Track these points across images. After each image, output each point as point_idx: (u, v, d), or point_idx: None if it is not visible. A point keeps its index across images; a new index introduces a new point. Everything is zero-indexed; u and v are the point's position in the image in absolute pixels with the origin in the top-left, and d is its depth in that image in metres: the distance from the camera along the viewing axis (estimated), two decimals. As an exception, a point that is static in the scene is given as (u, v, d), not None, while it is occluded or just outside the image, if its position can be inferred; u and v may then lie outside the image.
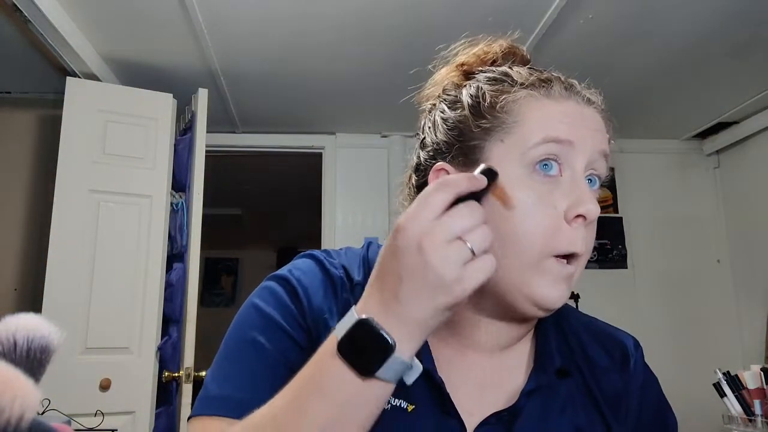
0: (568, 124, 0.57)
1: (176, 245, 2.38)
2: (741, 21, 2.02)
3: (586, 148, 0.57)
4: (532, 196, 0.55)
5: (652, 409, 0.66)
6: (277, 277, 0.63)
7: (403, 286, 0.45)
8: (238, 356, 0.58)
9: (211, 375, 0.58)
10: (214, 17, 2.00)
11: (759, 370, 1.87)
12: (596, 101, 0.62)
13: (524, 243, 0.54)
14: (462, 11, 1.98)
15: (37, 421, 0.32)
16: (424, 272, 0.44)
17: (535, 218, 0.54)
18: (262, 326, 0.58)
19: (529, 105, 0.58)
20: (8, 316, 0.37)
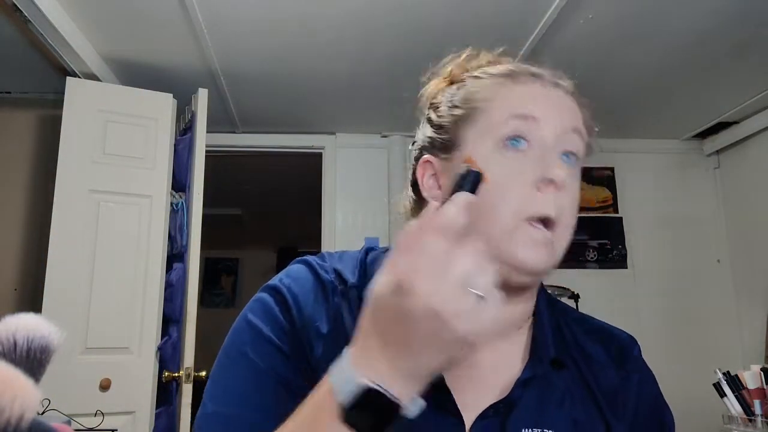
0: (533, 102, 0.60)
1: (176, 245, 2.38)
2: (741, 21, 2.02)
3: (553, 124, 0.60)
4: (504, 169, 0.58)
5: (648, 406, 0.66)
6: (268, 288, 0.63)
7: (414, 345, 0.43)
8: (230, 371, 0.59)
9: (207, 389, 0.59)
10: (214, 17, 2.00)
11: (759, 370, 1.87)
12: (565, 85, 0.64)
13: (500, 212, 0.57)
14: (462, 11, 1.98)
15: (37, 421, 0.32)
16: (441, 333, 0.42)
17: (508, 187, 0.57)
18: (252, 341, 0.59)
19: (498, 91, 0.62)
20: (8, 316, 0.37)
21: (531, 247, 0.57)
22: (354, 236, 3.06)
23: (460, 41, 0.77)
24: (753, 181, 2.97)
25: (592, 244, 3.13)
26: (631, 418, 0.64)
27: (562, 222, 0.58)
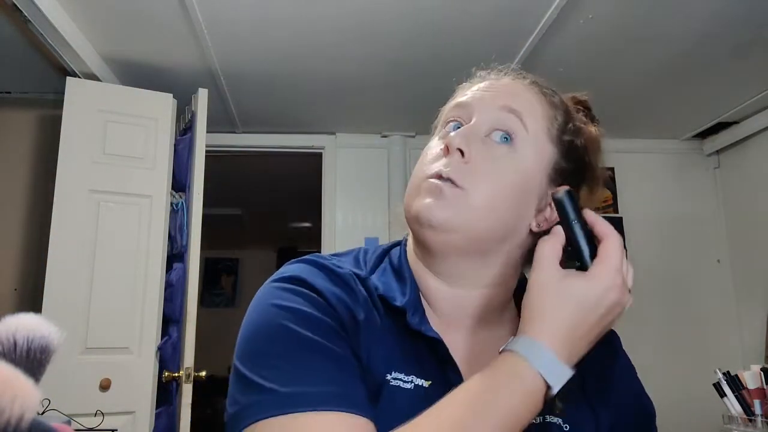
0: (472, 92, 0.68)
1: (176, 245, 2.38)
2: (741, 21, 2.02)
3: (483, 106, 0.65)
4: (432, 144, 0.67)
5: (630, 396, 0.69)
6: (286, 279, 0.61)
7: (597, 333, 0.56)
8: (295, 355, 0.53)
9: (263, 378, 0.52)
10: (214, 17, 2.00)
11: (759, 370, 1.87)
12: (511, 75, 0.70)
13: (415, 179, 0.64)
14: (462, 11, 1.99)
15: (37, 421, 0.32)
16: (614, 322, 0.57)
17: (426, 156, 0.66)
18: (305, 323, 0.55)
19: (455, 95, 0.71)
20: (8, 316, 0.37)
21: (424, 196, 0.61)
22: (354, 236, 3.06)
23: (460, 41, 0.78)
24: (753, 181, 2.97)
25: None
26: (614, 407, 0.66)
27: (469, 185, 0.60)
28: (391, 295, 0.62)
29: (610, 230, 0.57)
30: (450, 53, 2.25)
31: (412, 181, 0.65)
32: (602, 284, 0.54)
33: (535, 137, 0.64)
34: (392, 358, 0.59)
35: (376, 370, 0.58)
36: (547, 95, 0.68)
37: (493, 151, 0.62)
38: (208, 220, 2.45)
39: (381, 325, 0.61)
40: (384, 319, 0.61)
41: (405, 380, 0.58)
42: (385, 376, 0.58)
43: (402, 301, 0.61)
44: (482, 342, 0.65)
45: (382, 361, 0.59)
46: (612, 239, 0.56)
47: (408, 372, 0.59)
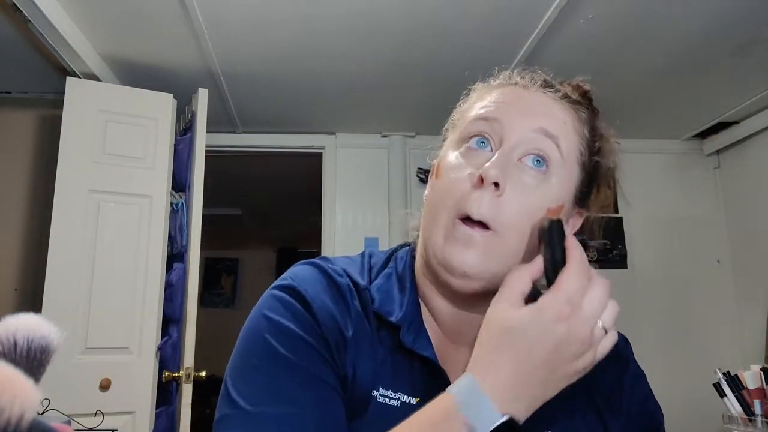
0: (499, 104, 0.61)
1: (176, 245, 2.38)
2: (741, 21, 2.02)
3: (516, 125, 0.59)
4: (456, 166, 0.59)
5: (640, 404, 0.67)
6: (282, 288, 0.61)
7: (552, 373, 0.49)
8: (267, 371, 0.55)
9: (238, 391, 0.54)
10: (214, 17, 2.00)
11: (759, 370, 1.87)
12: (541, 85, 0.63)
13: (441, 211, 0.58)
14: (462, 11, 1.98)
15: (37, 421, 0.32)
16: (576, 361, 0.49)
17: (453, 183, 0.58)
18: (285, 340, 0.56)
19: (473, 99, 0.66)
20: (8, 316, 0.37)
21: (457, 245, 0.57)
22: (354, 236, 3.06)
23: (460, 41, 0.77)
24: (753, 181, 2.97)
25: (592, 244, 3.13)
26: (624, 416, 0.65)
27: (502, 226, 0.56)
28: (386, 310, 0.61)
29: (576, 258, 0.51)
30: (450, 53, 2.25)
31: (435, 209, 0.59)
32: (544, 316, 0.48)
33: (569, 162, 0.60)
34: (381, 374, 0.58)
35: (363, 385, 0.57)
36: (577, 110, 0.63)
37: (526, 179, 0.58)
38: (208, 220, 2.45)
39: (373, 339, 0.60)
40: (378, 333, 0.61)
41: (392, 397, 0.58)
42: (372, 392, 0.58)
43: (397, 317, 0.60)
44: None
45: (370, 377, 0.58)
46: (570, 267, 0.51)
47: (396, 389, 0.58)
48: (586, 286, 0.50)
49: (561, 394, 0.62)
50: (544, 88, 0.63)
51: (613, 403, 0.65)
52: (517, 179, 0.57)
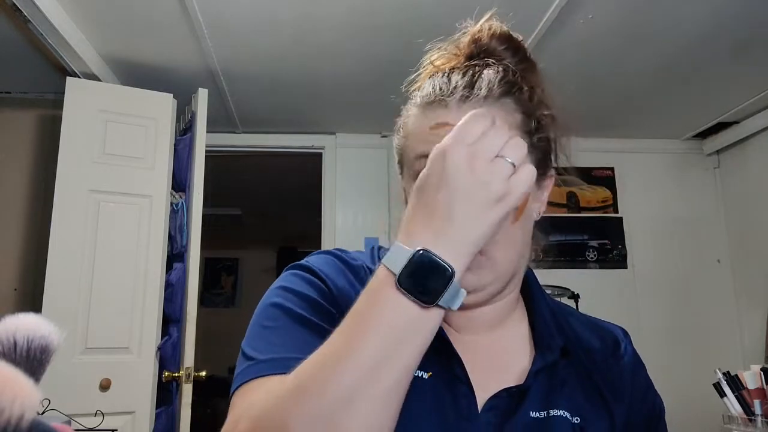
0: (436, 136, 0.58)
1: (176, 245, 2.38)
2: (741, 21, 2.02)
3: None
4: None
5: (642, 393, 0.69)
6: (298, 266, 0.65)
7: (456, 207, 0.47)
8: (281, 327, 0.57)
9: (252, 347, 0.56)
10: (214, 17, 2.00)
11: (759, 370, 1.87)
12: (461, 97, 0.62)
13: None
14: (462, 11, 1.98)
15: (37, 421, 0.32)
16: (477, 190, 0.47)
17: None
18: (302, 303, 0.59)
19: (413, 124, 0.65)
20: (8, 316, 0.37)
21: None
22: (354, 236, 3.06)
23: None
24: (753, 181, 2.97)
25: (592, 244, 3.13)
26: (627, 403, 0.66)
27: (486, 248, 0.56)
28: None
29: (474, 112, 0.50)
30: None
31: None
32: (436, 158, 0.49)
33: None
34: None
35: None
36: (504, 101, 0.63)
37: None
38: (208, 220, 2.45)
39: None
40: None
41: None
42: None
43: None
44: (490, 343, 0.66)
45: None
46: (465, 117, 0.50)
47: None
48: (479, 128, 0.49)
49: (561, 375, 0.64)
50: (466, 98, 0.62)
51: (616, 388, 0.66)
52: None
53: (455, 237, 0.47)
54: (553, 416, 0.61)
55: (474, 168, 0.47)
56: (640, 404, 0.68)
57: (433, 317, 0.48)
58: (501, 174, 0.47)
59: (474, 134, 0.48)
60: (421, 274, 0.46)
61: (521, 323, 0.69)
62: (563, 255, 3.09)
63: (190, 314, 2.25)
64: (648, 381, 0.71)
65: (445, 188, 0.47)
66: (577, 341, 0.68)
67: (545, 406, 0.61)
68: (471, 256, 0.48)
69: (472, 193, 0.47)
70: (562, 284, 2.95)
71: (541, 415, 0.61)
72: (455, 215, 0.47)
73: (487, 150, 0.48)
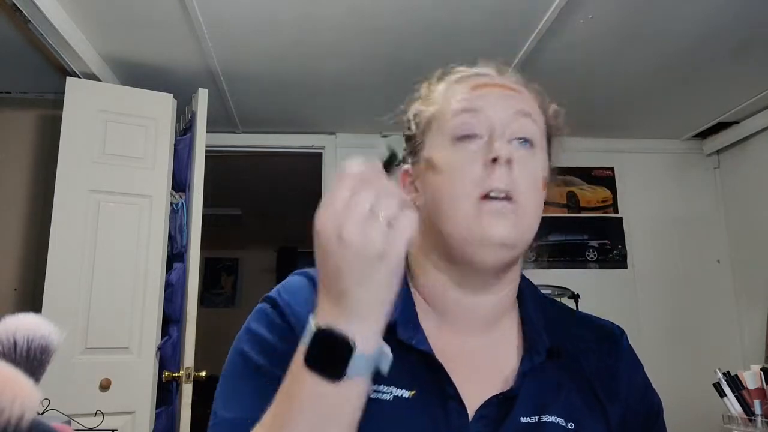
0: (475, 95, 0.65)
1: (176, 245, 2.38)
2: (741, 21, 2.02)
3: (497, 110, 0.63)
4: (456, 159, 0.62)
5: (638, 391, 0.68)
6: (265, 299, 0.66)
7: (342, 279, 0.47)
8: (237, 379, 0.60)
9: (219, 402, 0.60)
10: (214, 17, 2.00)
11: (759, 370, 1.87)
12: (508, 71, 0.69)
13: (458, 197, 0.60)
14: (462, 11, 1.99)
15: (37, 421, 0.32)
16: (353, 259, 0.46)
17: (461, 173, 0.61)
18: (260, 349, 0.61)
19: (444, 93, 0.68)
20: (8, 316, 0.37)
21: (491, 218, 0.59)
22: (354, 236, 3.05)
23: (460, 41, 0.78)
24: (753, 181, 2.97)
25: (592, 244, 3.13)
26: (623, 403, 0.66)
27: (520, 196, 0.60)
28: None
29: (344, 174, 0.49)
30: (450, 53, 2.23)
31: (445, 198, 0.61)
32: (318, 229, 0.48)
33: (542, 136, 0.66)
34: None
35: None
36: (533, 91, 0.68)
37: (522, 158, 0.62)
38: (208, 220, 2.45)
39: None
40: None
41: (384, 392, 0.59)
42: None
43: (393, 315, 0.61)
44: (481, 347, 0.65)
45: None
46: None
47: (388, 383, 0.59)
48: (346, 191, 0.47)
49: (556, 382, 0.63)
50: (503, 72, 0.69)
51: (611, 389, 0.66)
52: (517, 160, 0.61)
53: (353, 307, 0.47)
54: (545, 422, 0.60)
55: (342, 236, 0.46)
56: (638, 404, 0.67)
57: (350, 391, 0.47)
58: (373, 234, 0.46)
59: (342, 198, 0.47)
60: (324, 351, 0.47)
61: (513, 325, 0.68)
62: (563, 255, 3.09)
63: (190, 314, 2.25)
64: (646, 380, 0.70)
65: (328, 261, 0.47)
66: (571, 341, 0.67)
67: (538, 410, 0.61)
68: (377, 319, 0.48)
69: (350, 261, 0.46)
70: (562, 284, 2.95)
71: (533, 420, 0.60)
72: (344, 287, 0.47)
73: (356, 212, 0.46)
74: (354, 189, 0.47)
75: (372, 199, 0.46)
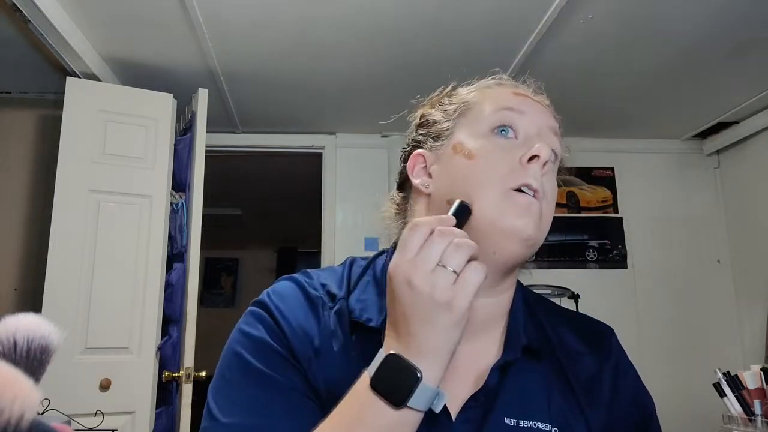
0: (519, 98, 0.68)
1: (176, 245, 2.38)
2: (741, 21, 2.02)
3: (537, 119, 0.66)
4: (493, 150, 0.64)
5: (628, 397, 0.67)
6: (256, 303, 0.66)
7: (410, 322, 0.51)
8: (237, 382, 0.60)
9: (214, 403, 0.59)
10: (214, 17, 2.00)
11: (759, 370, 1.87)
12: (543, 95, 0.71)
13: (490, 186, 0.61)
14: (462, 11, 1.99)
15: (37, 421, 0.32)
16: (421, 305, 0.50)
17: (496, 164, 0.63)
18: (256, 351, 0.61)
19: (485, 92, 0.70)
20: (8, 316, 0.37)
21: (519, 211, 0.60)
22: (354, 236, 3.06)
23: (460, 41, 0.78)
24: (753, 181, 2.97)
25: (592, 244, 3.13)
26: (608, 406, 0.65)
27: (544, 200, 0.62)
28: (366, 317, 0.63)
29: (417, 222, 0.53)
30: (450, 53, 2.25)
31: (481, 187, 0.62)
32: (395, 279, 0.52)
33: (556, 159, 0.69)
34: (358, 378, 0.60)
35: (338, 392, 0.59)
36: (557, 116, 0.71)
37: (550, 168, 0.65)
38: (208, 220, 2.45)
39: (349, 347, 0.62)
40: (357, 341, 0.63)
41: None
42: None
43: (378, 321, 0.62)
44: (466, 353, 0.64)
45: (346, 382, 0.59)
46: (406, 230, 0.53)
47: None
48: (419, 240, 0.52)
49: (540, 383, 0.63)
50: (537, 92, 0.71)
51: (593, 393, 0.65)
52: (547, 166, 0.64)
53: (420, 348, 0.50)
54: (527, 427, 0.59)
55: (413, 283, 0.50)
56: (629, 408, 0.66)
57: (408, 419, 0.50)
58: (441, 283, 0.49)
59: (413, 248, 0.51)
60: (391, 377, 0.50)
61: (500, 329, 0.68)
62: (563, 255, 3.09)
63: (190, 314, 2.25)
64: (636, 383, 0.69)
65: (397, 304, 0.51)
66: (557, 341, 0.67)
67: (519, 413, 0.60)
68: (439, 362, 0.51)
69: (417, 306, 0.50)
70: (562, 284, 2.95)
71: (515, 423, 0.60)
72: (412, 330, 0.51)
73: (426, 261, 0.50)
74: (426, 239, 0.51)
75: (442, 250, 0.51)
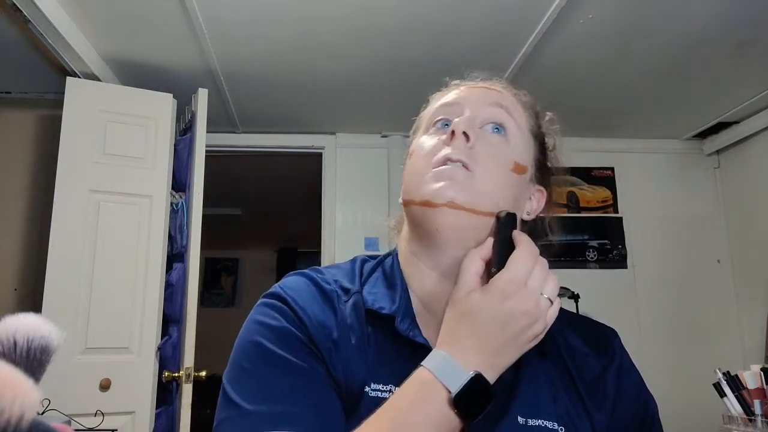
0: (455, 93, 0.72)
1: (176, 245, 2.38)
2: (741, 21, 2.02)
3: (472, 103, 0.69)
4: (424, 140, 0.69)
5: (632, 398, 0.68)
6: (270, 295, 0.65)
7: (507, 343, 0.55)
8: (263, 371, 0.58)
9: (237, 393, 0.56)
10: (214, 17, 2.00)
11: (759, 370, 1.87)
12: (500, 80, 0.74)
13: (419, 168, 0.65)
14: (462, 11, 1.99)
15: (37, 421, 0.32)
16: (527, 331, 0.56)
17: (425, 151, 0.67)
18: (278, 339, 0.59)
19: (433, 98, 0.76)
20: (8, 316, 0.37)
21: (441, 178, 0.62)
22: (354, 236, 3.06)
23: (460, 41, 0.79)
24: (753, 181, 2.97)
25: (592, 244, 3.13)
26: (611, 407, 0.65)
27: (478, 167, 0.63)
28: (379, 306, 0.64)
29: (523, 245, 0.59)
30: (450, 53, 2.25)
31: (411, 175, 0.66)
32: (491, 297, 0.56)
33: (523, 131, 0.69)
34: (373, 371, 0.60)
35: (355, 384, 0.59)
36: (518, 96, 0.73)
37: (490, 139, 0.66)
38: (208, 220, 2.45)
39: (364, 338, 0.62)
40: (372, 333, 0.63)
41: (384, 390, 0.59)
42: (364, 389, 0.59)
43: (391, 309, 0.63)
44: None
45: (362, 375, 0.60)
46: (517, 253, 0.58)
47: (387, 381, 0.60)
48: (531, 266, 0.57)
49: (548, 384, 0.63)
50: (491, 81, 0.74)
51: (597, 394, 0.65)
52: (484, 139, 0.66)
53: (498, 366, 0.55)
54: (531, 425, 0.60)
55: (530, 314, 0.55)
56: (631, 410, 0.67)
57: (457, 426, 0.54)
58: (543, 313, 0.56)
59: (525, 272, 0.57)
60: (474, 395, 0.53)
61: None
62: (563, 255, 3.09)
63: (190, 314, 2.25)
64: (639, 385, 0.70)
65: (504, 326, 0.55)
66: (562, 341, 0.68)
67: (532, 411, 0.61)
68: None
69: (523, 333, 0.55)
70: (562, 284, 2.92)
71: (526, 422, 0.60)
72: (501, 350, 0.55)
73: (536, 293, 0.56)
74: (533, 266, 0.58)
75: (544, 278, 0.58)
